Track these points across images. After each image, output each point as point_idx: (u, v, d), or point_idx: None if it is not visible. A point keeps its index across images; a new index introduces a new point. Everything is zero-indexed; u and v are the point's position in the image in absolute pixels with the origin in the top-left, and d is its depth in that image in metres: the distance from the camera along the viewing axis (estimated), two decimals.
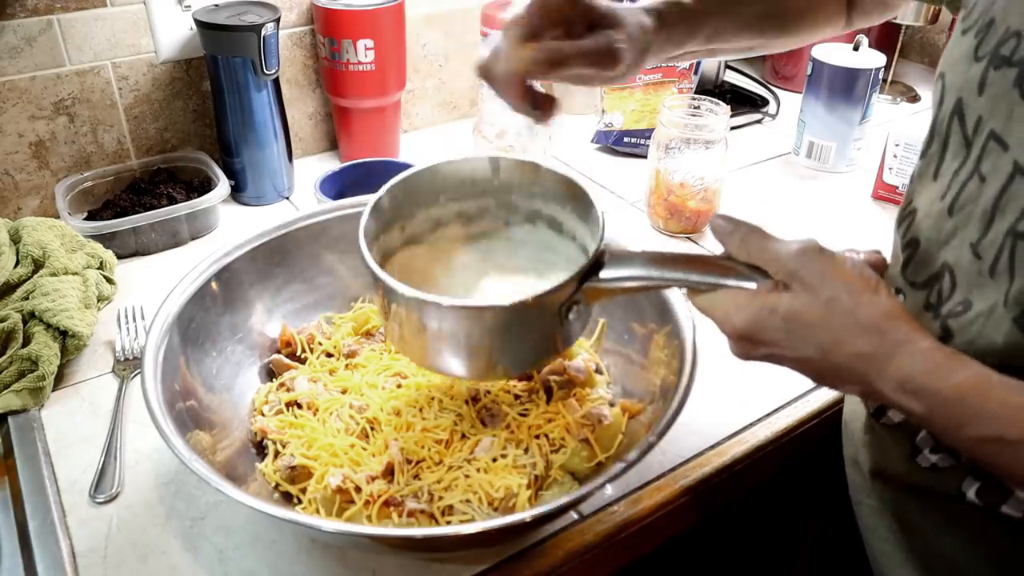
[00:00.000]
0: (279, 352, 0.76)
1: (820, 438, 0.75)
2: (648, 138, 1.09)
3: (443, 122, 1.28)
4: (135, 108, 1.02)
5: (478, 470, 0.62)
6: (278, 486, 0.63)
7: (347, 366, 0.73)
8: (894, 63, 1.42)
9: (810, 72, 1.15)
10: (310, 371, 0.73)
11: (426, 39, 1.20)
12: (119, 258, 0.91)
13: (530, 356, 0.59)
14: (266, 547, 0.61)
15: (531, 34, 0.58)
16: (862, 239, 0.99)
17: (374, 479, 0.61)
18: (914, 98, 1.40)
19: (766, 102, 1.33)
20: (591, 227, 0.59)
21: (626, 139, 1.19)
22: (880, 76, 1.12)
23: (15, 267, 0.81)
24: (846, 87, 1.11)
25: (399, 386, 0.70)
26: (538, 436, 0.65)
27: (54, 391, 0.74)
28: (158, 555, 0.60)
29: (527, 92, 0.59)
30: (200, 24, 0.95)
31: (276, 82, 1.01)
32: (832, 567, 0.88)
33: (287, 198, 1.08)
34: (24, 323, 0.75)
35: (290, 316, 0.78)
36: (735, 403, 0.73)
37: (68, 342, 0.75)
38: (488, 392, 0.70)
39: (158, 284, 0.85)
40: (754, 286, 0.51)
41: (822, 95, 1.13)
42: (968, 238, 0.50)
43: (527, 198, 0.64)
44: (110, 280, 0.86)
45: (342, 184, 0.96)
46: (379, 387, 0.70)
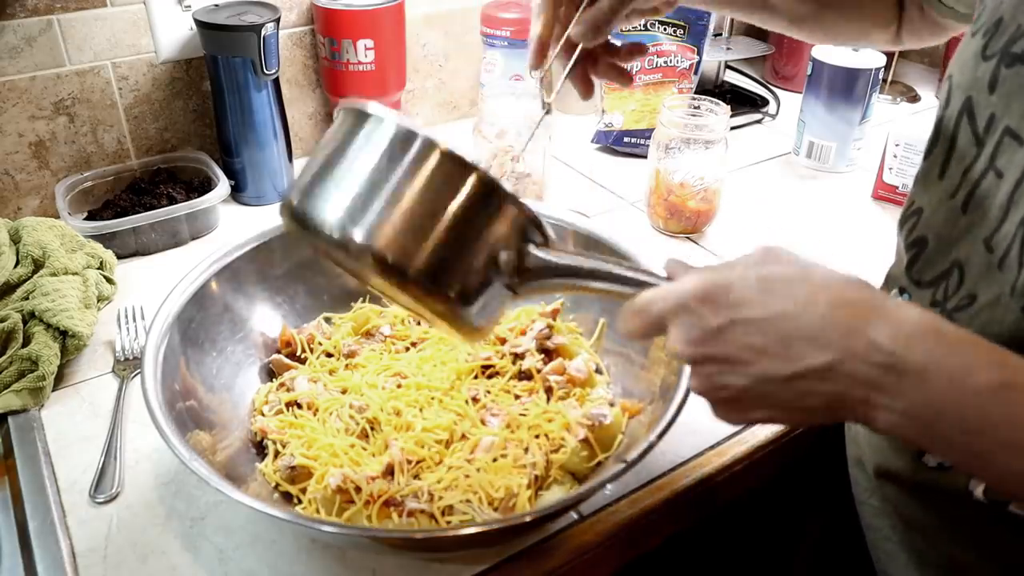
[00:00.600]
0: (279, 352, 0.76)
1: (820, 438, 0.75)
2: (648, 138, 1.09)
3: (443, 122, 1.28)
4: (135, 108, 1.02)
5: (478, 470, 0.62)
6: (278, 486, 0.63)
7: (347, 366, 0.73)
8: (894, 63, 1.42)
9: (810, 72, 1.15)
10: (310, 371, 0.73)
11: (426, 39, 1.20)
12: (119, 258, 0.91)
13: (446, 262, 0.48)
14: (266, 547, 0.61)
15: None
16: (862, 239, 1.00)
17: (374, 479, 0.61)
18: (914, 98, 1.40)
19: (766, 102, 1.33)
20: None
21: (626, 139, 1.19)
22: (880, 76, 1.12)
23: (15, 267, 0.81)
24: (846, 87, 1.11)
25: (399, 386, 0.70)
26: (538, 436, 0.65)
27: (54, 391, 0.74)
28: (158, 555, 0.60)
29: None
30: (200, 24, 0.95)
31: (276, 82, 1.01)
32: (832, 567, 0.88)
33: None
34: (24, 323, 0.75)
35: (290, 316, 0.78)
36: None
37: (68, 342, 0.75)
38: (488, 392, 0.70)
39: (158, 284, 0.85)
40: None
41: (822, 95, 1.13)
42: (982, 233, 0.51)
43: None
44: (110, 280, 0.86)
45: None
46: (379, 387, 0.70)
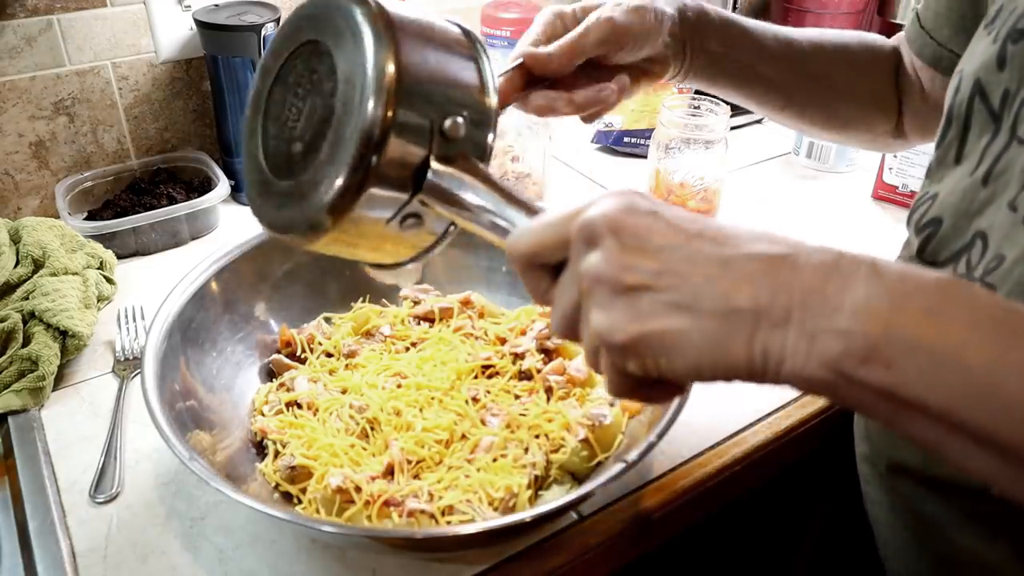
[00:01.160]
0: (279, 352, 0.76)
1: (821, 438, 0.75)
2: (648, 138, 1.09)
3: None
4: (135, 108, 1.02)
5: (478, 470, 0.62)
6: (278, 486, 0.63)
7: (347, 366, 0.73)
8: None
9: None
10: (310, 371, 0.73)
11: None
12: (119, 258, 0.91)
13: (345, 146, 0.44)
14: (266, 547, 0.61)
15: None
16: (862, 239, 1.00)
17: (374, 479, 0.61)
18: None
19: None
20: None
21: (626, 139, 1.19)
22: None
23: (15, 267, 0.81)
24: None
25: (399, 386, 0.70)
26: (538, 436, 0.65)
27: (54, 391, 0.74)
28: (158, 555, 0.60)
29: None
30: (200, 24, 0.95)
31: None
32: (833, 566, 0.88)
33: None
34: (24, 323, 0.75)
35: (290, 316, 0.78)
36: (735, 403, 0.73)
37: (68, 342, 0.75)
38: (488, 392, 0.70)
39: (158, 284, 0.85)
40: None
41: None
42: (1005, 199, 0.51)
43: None
44: (110, 280, 0.86)
45: None
46: (379, 387, 0.70)
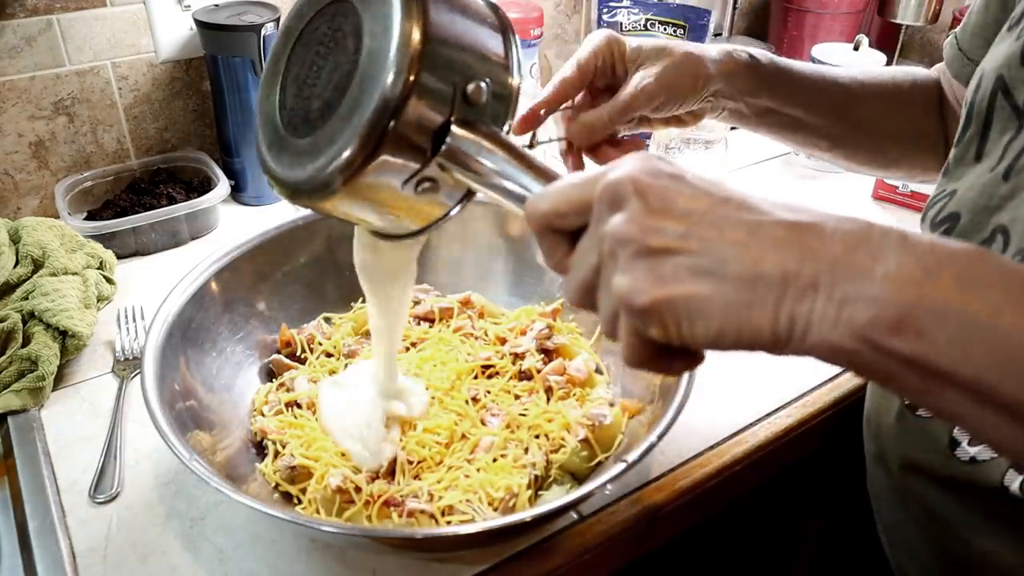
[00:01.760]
0: (279, 352, 0.76)
1: (821, 438, 0.75)
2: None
3: None
4: (135, 108, 1.02)
5: (478, 470, 0.62)
6: (278, 486, 0.63)
7: (347, 366, 0.73)
8: (894, 63, 1.41)
9: None
10: (310, 371, 0.73)
11: None
12: (119, 258, 0.91)
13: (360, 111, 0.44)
14: (266, 547, 0.61)
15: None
16: None
17: (374, 479, 0.61)
18: None
19: None
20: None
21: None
22: None
23: (15, 267, 0.81)
24: None
25: None
26: (538, 436, 0.65)
27: (54, 391, 0.74)
28: (158, 555, 0.60)
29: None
30: (200, 24, 0.95)
31: None
32: (833, 566, 0.88)
33: None
34: (24, 323, 0.75)
35: (290, 316, 0.78)
36: (735, 403, 0.73)
37: (68, 342, 0.75)
38: (488, 392, 0.70)
39: (158, 284, 0.85)
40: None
41: None
42: None
43: None
44: (110, 280, 0.86)
45: None
46: None
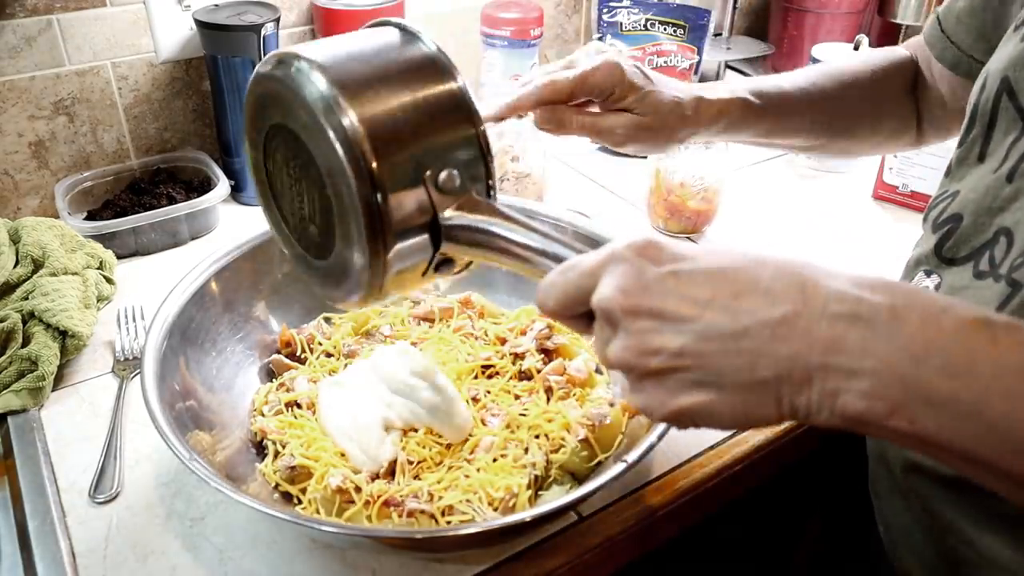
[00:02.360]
0: (279, 352, 0.76)
1: (821, 438, 0.75)
2: None
3: None
4: (135, 108, 1.02)
5: (478, 470, 0.62)
6: (278, 486, 0.63)
7: (347, 366, 0.73)
8: None
9: None
10: (310, 371, 0.73)
11: None
12: (119, 258, 0.91)
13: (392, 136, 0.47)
14: (266, 547, 0.61)
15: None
16: (862, 239, 1.00)
17: (374, 479, 0.61)
18: None
19: None
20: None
21: None
22: None
23: (15, 267, 0.81)
24: None
25: None
26: (538, 436, 0.65)
27: (54, 391, 0.74)
28: (158, 555, 0.60)
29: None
30: (200, 24, 0.95)
31: None
32: (833, 566, 0.88)
33: None
34: (24, 323, 0.75)
35: (290, 316, 0.78)
36: None
37: (68, 342, 0.75)
38: (488, 392, 0.70)
39: (158, 284, 0.84)
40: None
41: None
42: None
43: None
44: (110, 280, 0.86)
45: None
46: None
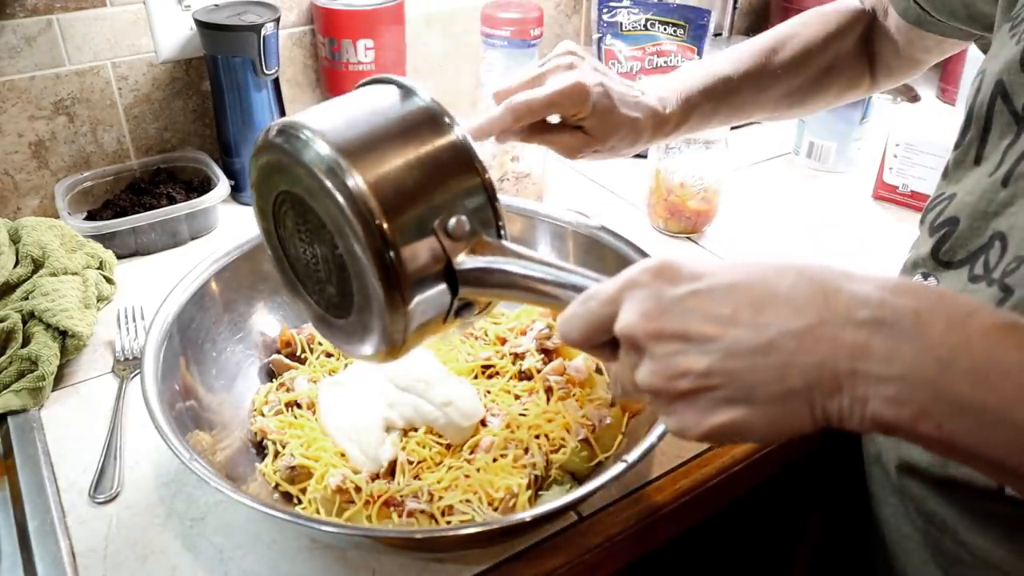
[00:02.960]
0: (279, 352, 0.76)
1: (821, 439, 0.75)
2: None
3: None
4: (135, 108, 1.02)
5: (478, 470, 0.62)
6: (278, 486, 0.63)
7: (347, 366, 0.73)
8: None
9: None
10: (310, 371, 0.73)
11: (426, 39, 1.20)
12: (119, 258, 0.91)
13: (401, 195, 0.47)
14: (266, 547, 0.61)
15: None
16: (862, 239, 1.00)
17: (374, 479, 0.61)
18: (914, 98, 1.40)
19: None
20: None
21: None
22: None
23: (15, 267, 0.81)
24: None
25: None
26: (538, 436, 0.65)
27: (54, 391, 0.74)
28: (158, 555, 0.60)
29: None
30: (200, 24, 0.95)
31: (276, 82, 1.01)
32: (832, 566, 0.88)
33: None
34: (24, 323, 0.75)
35: (290, 316, 0.78)
36: None
37: (68, 342, 0.75)
38: (488, 392, 0.70)
39: (158, 284, 0.84)
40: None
41: None
42: None
43: None
44: (110, 280, 0.86)
45: None
46: None
